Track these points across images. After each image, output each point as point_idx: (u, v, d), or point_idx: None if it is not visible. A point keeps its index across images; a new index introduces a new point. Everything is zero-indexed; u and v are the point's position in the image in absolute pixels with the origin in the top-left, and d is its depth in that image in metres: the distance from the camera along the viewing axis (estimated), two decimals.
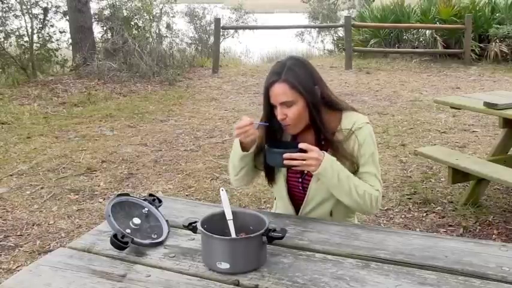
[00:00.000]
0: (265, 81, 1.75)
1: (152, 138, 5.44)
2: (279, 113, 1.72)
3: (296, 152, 1.62)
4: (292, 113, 1.71)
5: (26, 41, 8.51)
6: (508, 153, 3.74)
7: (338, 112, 1.80)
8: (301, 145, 1.64)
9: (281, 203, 1.91)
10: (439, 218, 3.44)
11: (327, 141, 1.75)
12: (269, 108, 1.77)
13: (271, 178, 1.87)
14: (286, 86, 1.69)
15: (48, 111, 6.63)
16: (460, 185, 3.82)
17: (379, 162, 1.81)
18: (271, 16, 20.70)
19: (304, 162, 1.62)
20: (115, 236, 1.49)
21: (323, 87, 1.78)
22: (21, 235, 3.33)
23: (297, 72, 1.71)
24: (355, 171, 1.75)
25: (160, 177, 4.33)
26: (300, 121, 1.74)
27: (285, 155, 1.62)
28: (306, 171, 1.79)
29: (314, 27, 14.72)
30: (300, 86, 1.70)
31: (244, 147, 1.79)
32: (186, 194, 3.97)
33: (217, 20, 9.77)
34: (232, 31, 12.10)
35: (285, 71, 1.70)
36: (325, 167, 1.64)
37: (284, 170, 1.82)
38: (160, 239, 1.57)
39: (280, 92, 1.70)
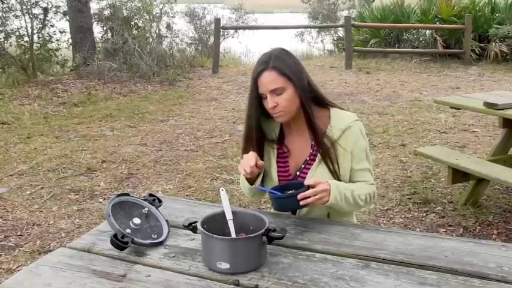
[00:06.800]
0: (253, 73, 1.73)
1: (152, 138, 5.44)
2: (270, 102, 1.69)
3: (306, 191, 1.58)
4: (282, 100, 1.69)
5: (26, 41, 8.51)
6: (508, 153, 3.74)
7: (326, 109, 1.79)
8: (309, 181, 1.61)
9: None
10: (439, 218, 3.44)
11: (318, 142, 1.73)
12: (257, 102, 1.74)
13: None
14: (275, 72, 1.68)
15: (48, 111, 6.63)
16: (460, 185, 3.82)
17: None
18: (271, 16, 20.68)
19: (316, 197, 1.59)
20: (115, 236, 1.49)
21: (309, 78, 1.77)
22: (21, 235, 3.33)
23: (284, 60, 1.71)
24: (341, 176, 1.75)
25: (160, 177, 4.33)
26: (290, 108, 1.72)
27: (300, 196, 1.57)
28: (298, 173, 1.79)
29: (314, 27, 14.71)
30: (289, 72, 1.69)
31: (250, 181, 1.81)
32: (186, 194, 3.97)
33: (217, 20, 9.77)
34: (232, 31, 12.09)
35: (272, 59, 1.70)
36: (335, 194, 1.63)
37: (275, 170, 1.81)
38: (160, 239, 1.57)
39: (270, 79, 1.68)
